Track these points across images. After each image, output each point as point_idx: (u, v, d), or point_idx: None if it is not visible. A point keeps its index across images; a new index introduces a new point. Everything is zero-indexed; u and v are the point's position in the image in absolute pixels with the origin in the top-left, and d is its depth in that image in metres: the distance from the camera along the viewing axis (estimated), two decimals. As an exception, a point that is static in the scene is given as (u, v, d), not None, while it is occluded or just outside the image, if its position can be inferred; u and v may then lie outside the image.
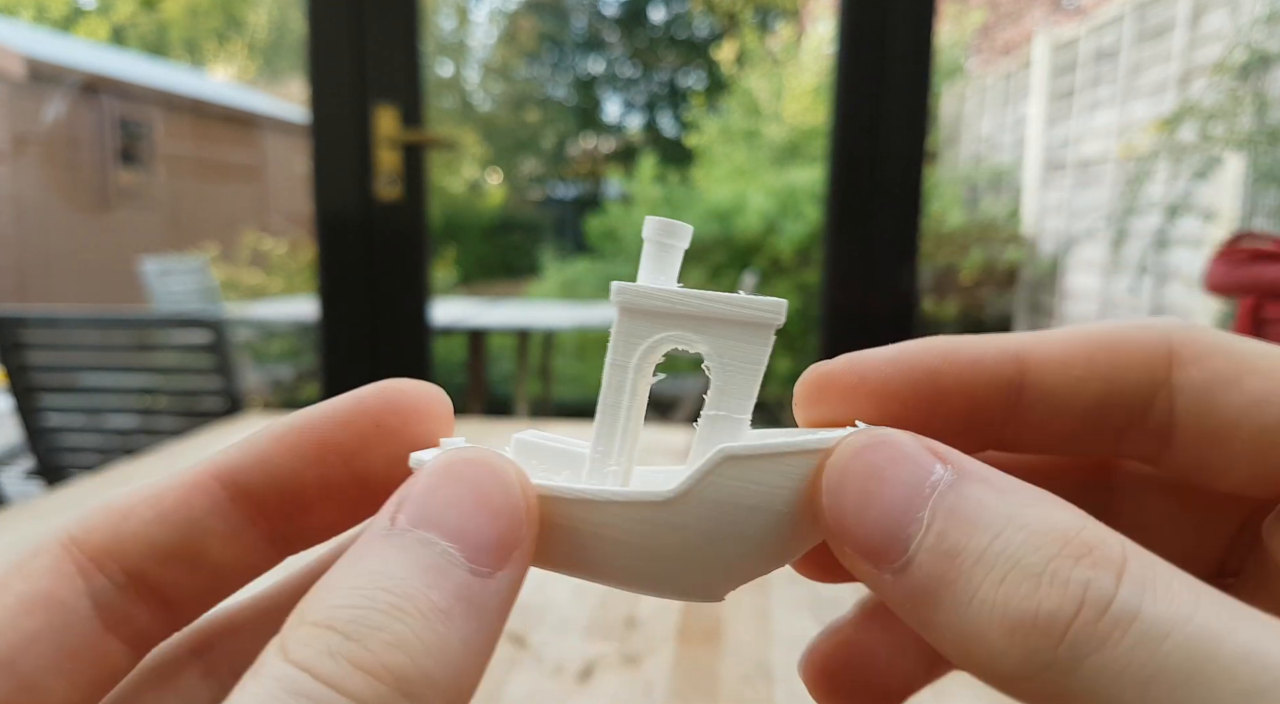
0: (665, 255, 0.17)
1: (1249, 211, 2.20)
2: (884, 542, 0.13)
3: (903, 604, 0.13)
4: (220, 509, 0.16)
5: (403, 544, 0.13)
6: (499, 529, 0.13)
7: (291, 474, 0.17)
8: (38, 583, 0.15)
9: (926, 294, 4.08)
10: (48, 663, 0.14)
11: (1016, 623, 0.12)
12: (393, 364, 1.49)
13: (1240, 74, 1.82)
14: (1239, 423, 0.14)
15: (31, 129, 5.16)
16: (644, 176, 5.16)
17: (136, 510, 0.16)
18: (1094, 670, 0.11)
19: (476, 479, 0.14)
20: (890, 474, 0.13)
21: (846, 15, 1.37)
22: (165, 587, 0.16)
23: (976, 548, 0.12)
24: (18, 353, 1.46)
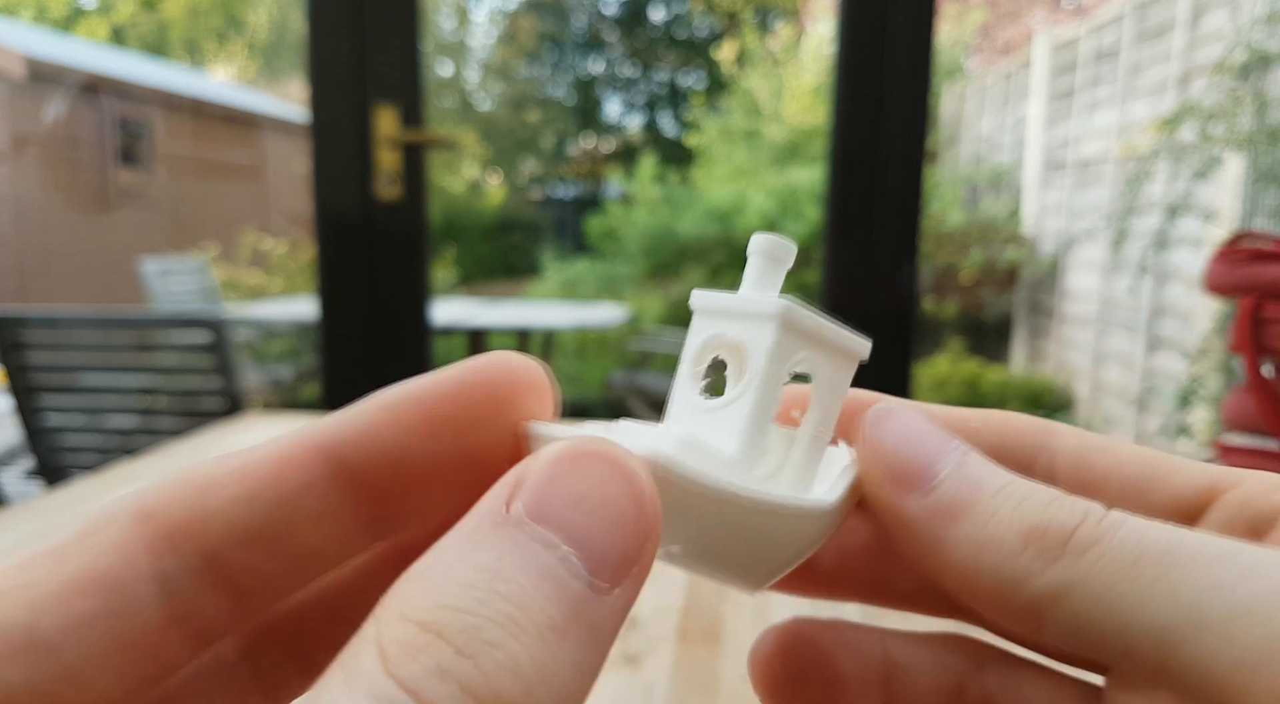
0: (772, 271, 0.18)
1: (1249, 211, 2.20)
2: (917, 470, 0.15)
3: (922, 521, 0.15)
4: (317, 487, 0.14)
5: (520, 540, 0.12)
6: (625, 540, 0.12)
7: (400, 449, 0.15)
8: (99, 559, 0.13)
9: (926, 294, 4.08)
10: (96, 653, 0.12)
11: (1032, 529, 0.14)
12: (393, 364, 1.49)
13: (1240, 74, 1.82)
14: (1106, 479, 0.17)
15: (31, 129, 5.16)
16: (644, 176, 5.16)
17: (221, 484, 0.14)
18: (1094, 558, 0.13)
19: (606, 478, 0.12)
20: (923, 428, 0.16)
21: (846, 15, 1.37)
22: (242, 574, 0.14)
23: (994, 484, 0.15)
24: (18, 353, 1.46)
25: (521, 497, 0.12)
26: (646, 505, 0.13)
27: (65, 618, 0.12)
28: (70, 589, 0.12)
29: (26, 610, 0.12)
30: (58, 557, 0.13)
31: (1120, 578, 0.13)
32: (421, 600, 0.11)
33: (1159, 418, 2.66)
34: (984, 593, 0.14)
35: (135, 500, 0.14)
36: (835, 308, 1.43)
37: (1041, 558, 0.14)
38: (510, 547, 0.12)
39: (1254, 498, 0.16)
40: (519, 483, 0.12)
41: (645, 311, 4.53)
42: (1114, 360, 3.25)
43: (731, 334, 0.17)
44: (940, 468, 0.15)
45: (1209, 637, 0.12)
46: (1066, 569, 0.14)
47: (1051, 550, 0.14)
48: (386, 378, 0.15)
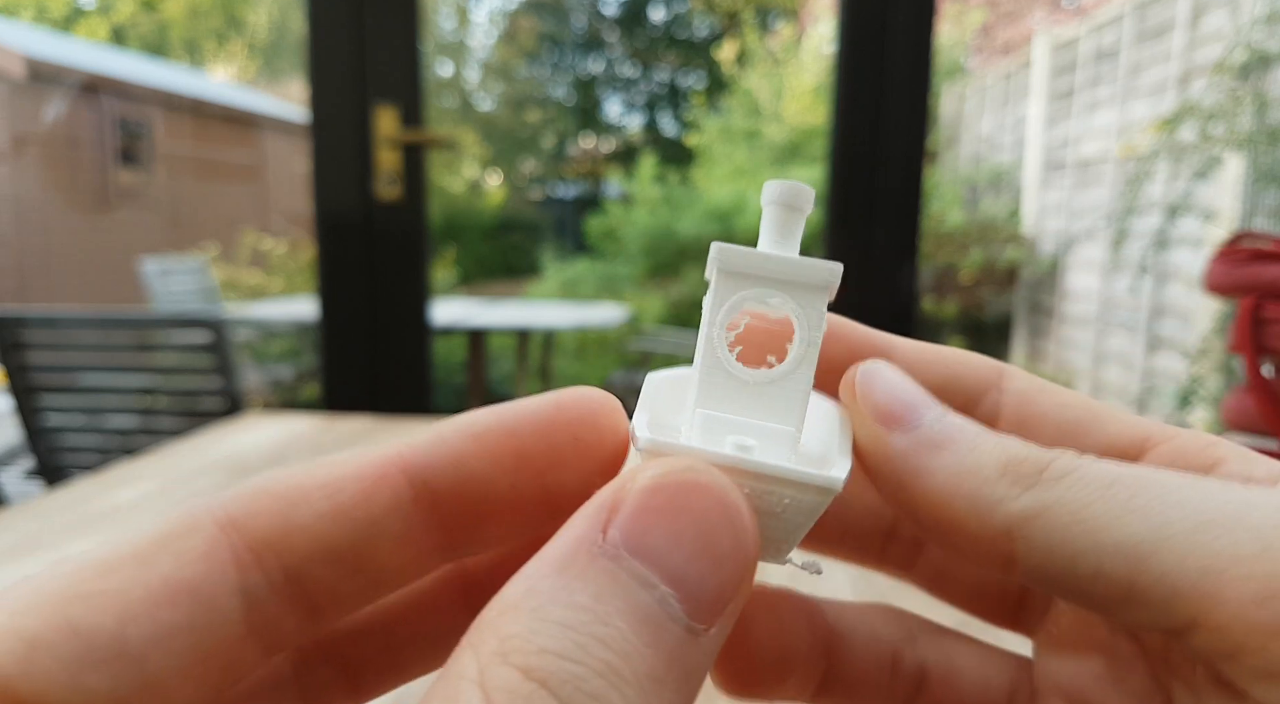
0: (792, 221, 0.16)
1: (1249, 211, 2.20)
2: (903, 411, 0.16)
3: (905, 453, 0.15)
4: (402, 508, 0.14)
5: (619, 577, 0.11)
6: (723, 580, 0.12)
7: (485, 480, 0.15)
8: (186, 568, 0.13)
9: (926, 294, 4.08)
10: (179, 664, 0.12)
11: (1010, 459, 0.15)
12: (393, 364, 1.49)
13: (1240, 74, 1.82)
14: (1045, 418, 0.17)
15: (31, 129, 5.16)
16: (644, 176, 5.16)
17: (310, 499, 0.14)
18: (1069, 483, 0.14)
19: (706, 513, 0.12)
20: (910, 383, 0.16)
21: (846, 15, 1.37)
22: (322, 590, 0.14)
23: (975, 429, 0.15)
24: (18, 353, 1.46)
25: (618, 525, 0.12)
26: (747, 542, 0.12)
27: (152, 627, 0.12)
28: (158, 597, 0.12)
29: (115, 618, 0.12)
30: (143, 561, 0.13)
31: (1094, 499, 0.13)
32: (522, 642, 0.11)
33: (1159, 418, 2.66)
34: (959, 519, 0.15)
35: (222, 508, 0.14)
36: (835, 308, 1.43)
37: (1018, 484, 0.14)
38: (608, 584, 0.11)
39: (1188, 452, 0.16)
40: (615, 507, 0.12)
41: (645, 312, 4.53)
42: (1114, 360, 3.25)
43: (774, 302, 0.16)
44: (924, 412, 0.16)
45: (1176, 545, 0.13)
46: (1042, 493, 0.14)
47: (1028, 477, 0.14)
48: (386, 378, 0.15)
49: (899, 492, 0.16)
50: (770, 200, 0.16)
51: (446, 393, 3.75)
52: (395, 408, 1.46)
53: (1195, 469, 0.16)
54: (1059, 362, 3.78)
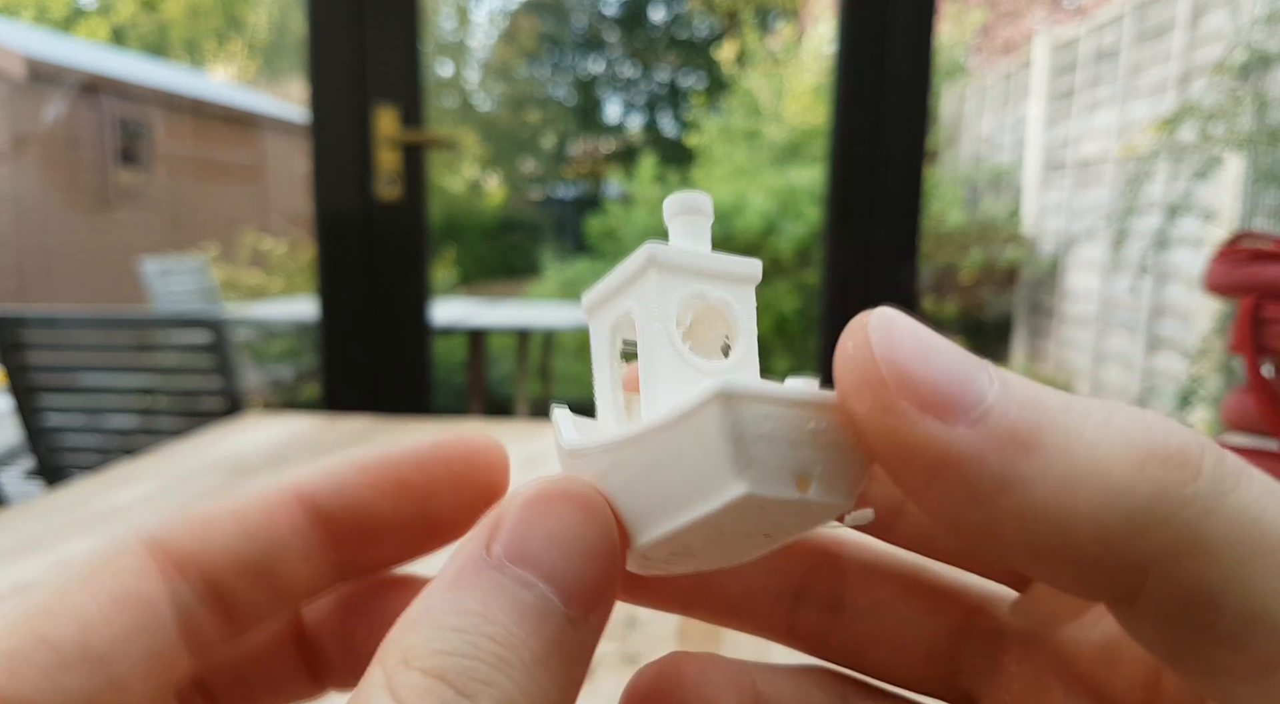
0: (696, 225, 0.17)
1: (1249, 211, 2.19)
2: (955, 390, 0.11)
3: (978, 457, 0.11)
4: (298, 529, 0.17)
5: (502, 583, 0.13)
6: (595, 571, 0.13)
7: (369, 505, 0.17)
8: (129, 581, 0.15)
9: (926, 294, 4.08)
10: (136, 662, 0.14)
11: (1147, 454, 0.10)
12: (393, 364, 1.49)
13: (1240, 74, 1.82)
14: None
15: (31, 129, 5.16)
16: (644, 176, 5.16)
17: (220, 521, 0.16)
18: (1239, 503, 0.10)
19: (574, 516, 0.14)
20: (939, 340, 0.12)
21: (846, 15, 1.37)
22: (237, 600, 0.16)
23: (1060, 399, 0.11)
24: (18, 353, 1.46)
25: (500, 539, 0.13)
26: (611, 537, 0.14)
27: (111, 632, 0.14)
28: (111, 608, 0.14)
29: (78, 627, 0.14)
30: (89, 582, 0.15)
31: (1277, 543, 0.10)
32: (421, 647, 0.12)
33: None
34: (1076, 545, 0.10)
35: (145, 532, 0.16)
36: (835, 308, 1.43)
37: (1164, 497, 0.10)
38: (493, 590, 0.13)
39: None
40: (497, 525, 0.14)
41: (645, 311, 4.50)
42: (1114, 360, 3.25)
43: (714, 295, 0.17)
44: (982, 386, 0.11)
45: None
46: (1195, 523, 0.10)
47: (1179, 486, 0.10)
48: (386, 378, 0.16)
49: (973, 509, 0.11)
50: (674, 213, 0.17)
51: (446, 393, 3.75)
52: (395, 408, 1.46)
53: None
54: (1059, 362, 3.78)
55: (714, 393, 0.13)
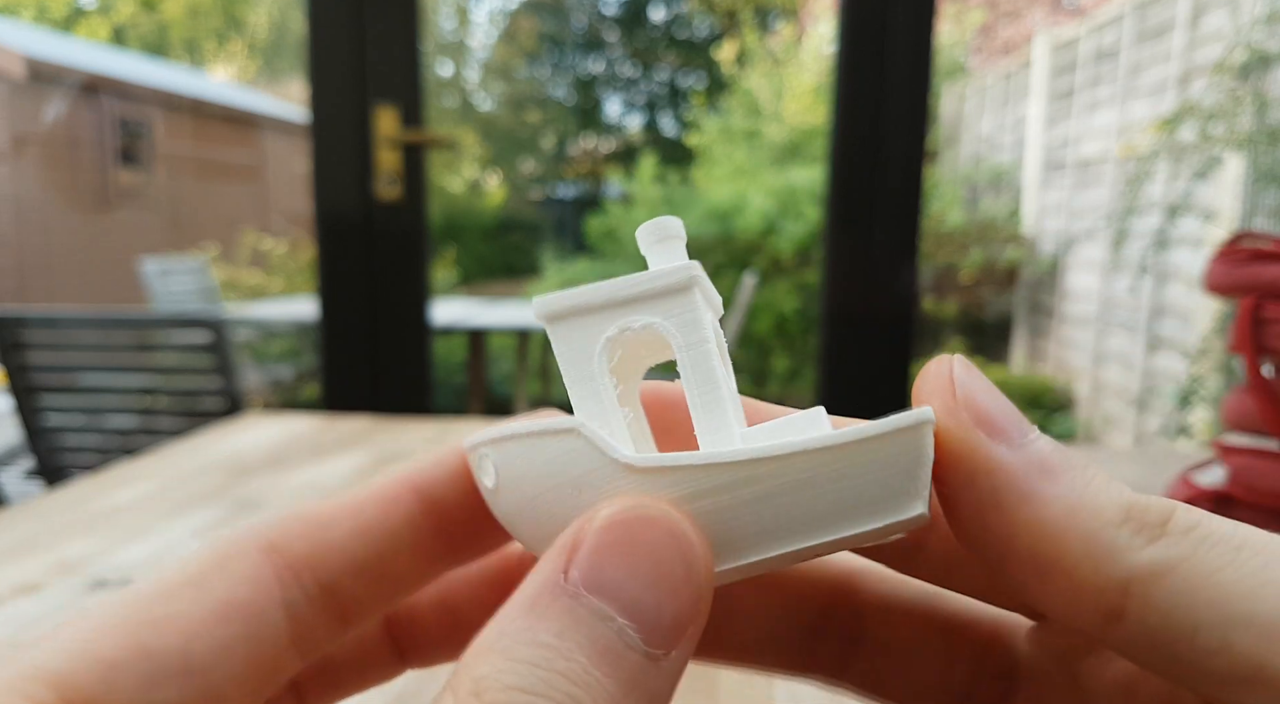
0: (669, 251, 0.17)
1: (1249, 211, 2.19)
2: (1008, 419, 0.14)
3: (1014, 470, 0.14)
4: (414, 522, 0.17)
5: (578, 614, 0.12)
6: (678, 607, 0.13)
7: (479, 492, 0.17)
8: (237, 589, 0.15)
9: (926, 294, 4.08)
10: (236, 674, 0.14)
11: (1131, 506, 0.13)
12: (393, 364, 1.49)
13: (1240, 74, 1.82)
14: None
15: (31, 129, 5.16)
16: (644, 176, 5.16)
17: (337, 521, 0.16)
18: (1198, 539, 0.12)
19: (657, 545, 0.13)
20: (1001, 394, 0.15)
21: (846, 15, 1.37)
22: (350, 599, 0.16)
23: (1082, 458, 0.14)
24: (18, 353, 1.46)
25: (577, 565, 0.13)
26: (698, 568, 0.13)
27: (214, 643, 0.14)
28: (216, 617, 0.14)
29: (180, 637, 0.14)
30: (198, 586, 0.14)
31: (1225, 563, 0.12)
32: (493, 680, 0.12)
33: (1159, 418, 2.66)
34: (1070, 560, 0.13)
35: (261, 533, 0.16)
36: (835, 308, 1.43)
37: (1141, 534, 0.13)
38: (569, 621, 0.12)
39: None
40: (575, 548, 0.13)
41: (645, 311, 4.50)
42: (1114, 360, 3.25)
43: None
44: (1028, 426, 0.14)
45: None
46: (1169, 547, 0.12)
47: (1152, 527, 0.13)
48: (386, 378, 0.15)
49: (995, 514, 0.14)
50: (648, 244, 0.17)
51: (446, 393, 3.75)
52: (395, 408, 1.46)
53: None
54: (1059, 362, 3.78)
55: (922, 418, 0.14)
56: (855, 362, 1.43)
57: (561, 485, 0.15)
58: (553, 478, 0.15)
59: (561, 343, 0.15)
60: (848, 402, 1.43)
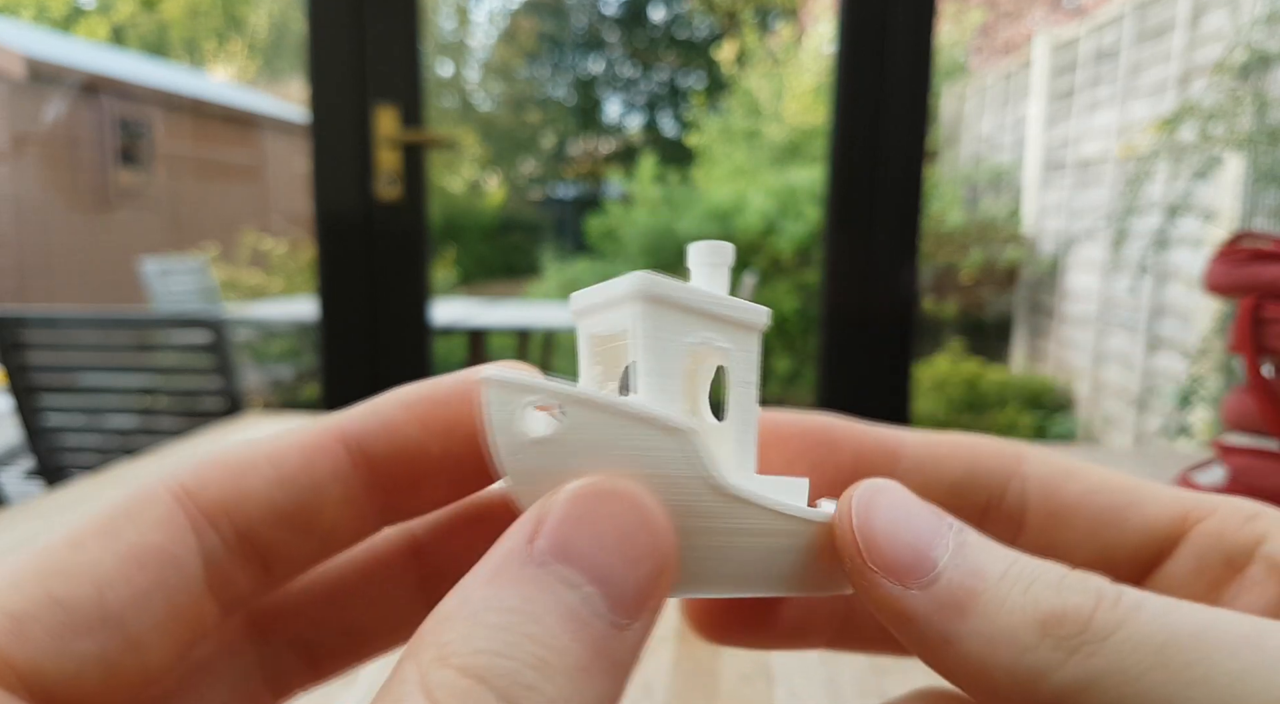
0: (714, 274, 0.17)
1: (1249, 211, 2.19)
2: (914, 560, 0.14)
3: (926, 616, 0.14)
4: (341, 473, 0.16)
5: (545, 581, 0.12)
6: (642, 576, 0.13)
7: (417, 445, 0.16)
8: (150, 535, 0.14)
9: (926, 294, 4.08)
10: (155, 622, 0.14)
11: (1047, 617, 0.13)
12: (393, 364, 1.49)
13: (1240, 74, 1.82)
14: (1078, 507, 0.17)
15: (31, 129, 5.16)
16: (644, 176, 5.16)
17: (257, 467, 0.15)
18: (1117, 644, 0.12)
19: (623, 516, 0.13)
20: (915, 509, 0.15)
21: (846, 15, 1.37)
22: (272, 550, 0.15)
23: (998, 569, 0.14)
24: (18, 353, 1.46)
25: (544, 534, 0.13)
26: (662, 540, 0.13)
27: (128, 590, 0.13)
28: (130, 564, 0.13)
29: (93, 586, 0.13)
30: (108, 534, 0.14)
31: (1149, 667, 0.12)
32: (459, 645, 0.11)
33: (1159, 418, 2.66)
34: (1001, 691, 0.13)
35: (176, 480, 0.15)
36: (835, 308, 1.43)
37: (1060, 649, 0.13)
38: (535, 588, 0.12)
39: (1228, 529, 0.16)
40: (540, 520, 0.13)
41: (645, 311, 4.50)
42: (1114, 360, 3.25)
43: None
44: (938, 554, 0.14)
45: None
46: (1089, 659, 0.12)
47: (1070, 639, 0.13)
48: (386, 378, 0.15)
49: (928, 656, 0.14)
50: (698, 262, 0.17)
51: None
52: (395, 408, 1.45)
53: (1236, 552, 0.15)
54: (1059, 361, 3.78)
55: None
56: (855, 361, 1.43)
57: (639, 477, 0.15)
58: (632, 464, 0.14)
59: (650, 326, 0.15)
60: (848, 402, 1.43)
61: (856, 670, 0.47)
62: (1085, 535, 0.17)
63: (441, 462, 0.16)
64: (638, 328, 0.15)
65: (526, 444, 0.14)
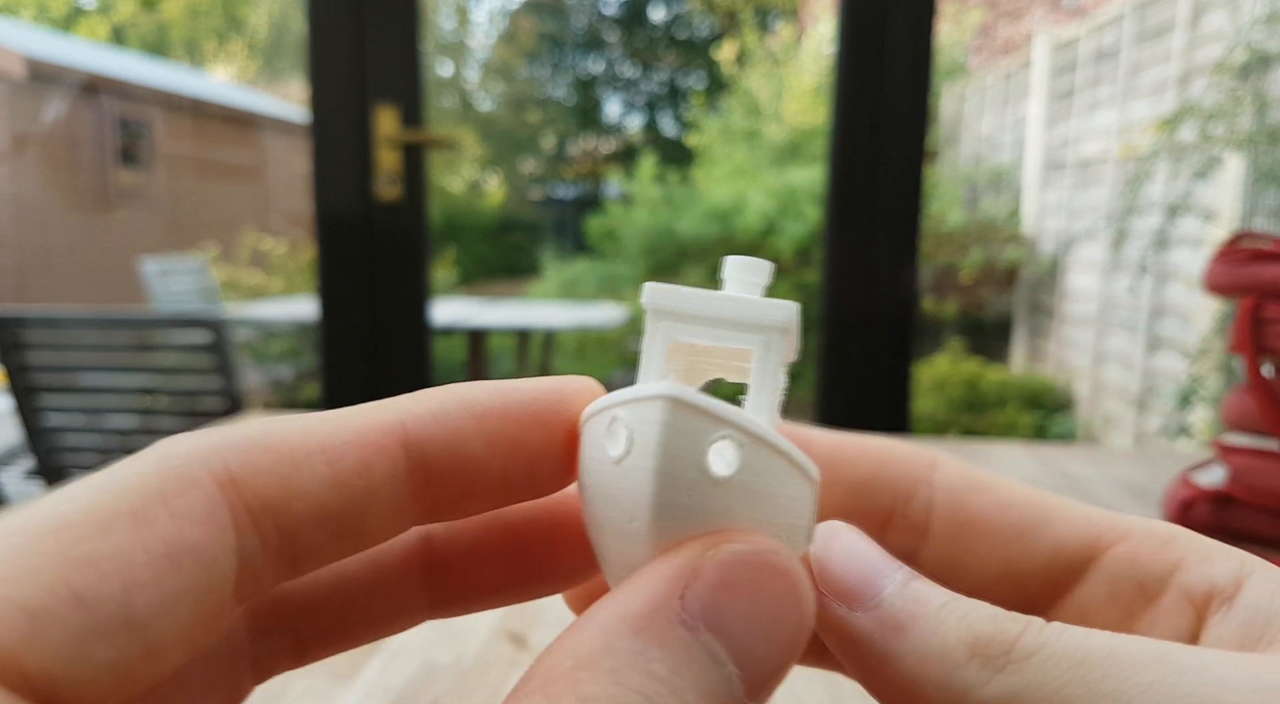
0: (746, 292, 0.17)
1: (1249, 211, 2.19)
2: (860, 587, 0.15)
3: (868, 634, 0.14)
4: (397, 479, 0.15)
5: (693, 652, 0.12)
6: (782, 663, 0.13)
7: (479, 460, 0.15)
8: (188, 531, 0.12)
9: (926, 294, 4.08)
10: (179, 631, 0.12)
11: (977, 639, 0.14)
12: (393, 364, 1.49)
13: (1240, 74, 1.82)
14: (987, 520, 0.17)
15: (31, 129, 5.16)
16: (644, 176, 5.16)
17: (312, 463, 0.14)
18: (1039, 663, 0.13)
19: (779, 597, 0.13)
20: (870, 549, 0.15)
21: (846, 15, 1.37)
22: (309, 550, 0.14)
23: (939, 600, 0.14)
24: (18, 353, 1.46)
25: (696, 594, 0.13)
26: (807, 628, 0.14)
27: (159, 594, 0.12)
28: (162, 562, 0.12)
29: (121, 585, 0.11)
30: (141, 520, 0.12)
31: (1066, 681, 0.13)
32: (592, 697, 0.11)
33: (1159, 418, 2.66)
34: (934, 700, 0.14)
35: (221, 462, 0.13)
36: (835, 308, 1.43)
37: (988, 668, 0.13)
38: (684, 656, 0.12)
39: (1141, 554, 0.16)
40: (695, 573, 0.13)
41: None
42: (1114, 360, 3.25)
43: None
44: (885, 585, 0.15)
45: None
46: (1012, 676, 0.13)
47: (997, 659, 0.13)
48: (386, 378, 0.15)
49: (867, 671, 0.15)
50: (728, 276, 0.16)
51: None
52: (395, 408, 1.45)
53: (1149, 579, 0.15)
54: (1059, 361, 3.78)
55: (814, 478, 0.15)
56: (855, 362, 1.43)
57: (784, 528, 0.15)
58: (782, 514, 0.14)
59: (779, 359, 0.15)
60: (848, 402, 1.43)
61: (856, 670, 0.47)
62: (992, 549, 0.17)
63: (497, 477, 0.16)
64: (769, 359, 0.15)
65: (702, 482, 0.13)
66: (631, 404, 0.14)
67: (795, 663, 0.14)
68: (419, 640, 0.44)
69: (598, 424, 0.15)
